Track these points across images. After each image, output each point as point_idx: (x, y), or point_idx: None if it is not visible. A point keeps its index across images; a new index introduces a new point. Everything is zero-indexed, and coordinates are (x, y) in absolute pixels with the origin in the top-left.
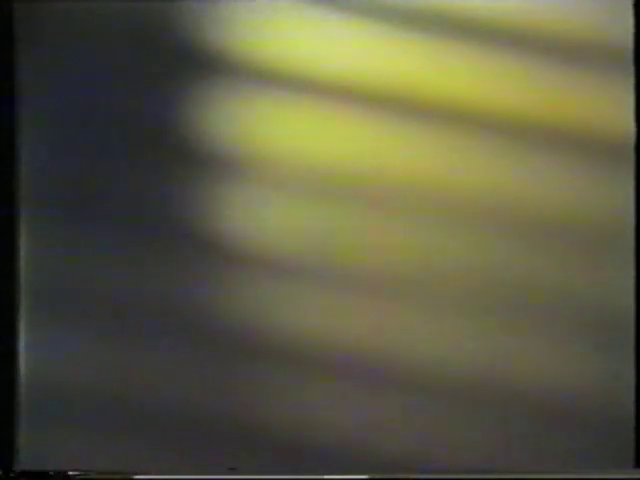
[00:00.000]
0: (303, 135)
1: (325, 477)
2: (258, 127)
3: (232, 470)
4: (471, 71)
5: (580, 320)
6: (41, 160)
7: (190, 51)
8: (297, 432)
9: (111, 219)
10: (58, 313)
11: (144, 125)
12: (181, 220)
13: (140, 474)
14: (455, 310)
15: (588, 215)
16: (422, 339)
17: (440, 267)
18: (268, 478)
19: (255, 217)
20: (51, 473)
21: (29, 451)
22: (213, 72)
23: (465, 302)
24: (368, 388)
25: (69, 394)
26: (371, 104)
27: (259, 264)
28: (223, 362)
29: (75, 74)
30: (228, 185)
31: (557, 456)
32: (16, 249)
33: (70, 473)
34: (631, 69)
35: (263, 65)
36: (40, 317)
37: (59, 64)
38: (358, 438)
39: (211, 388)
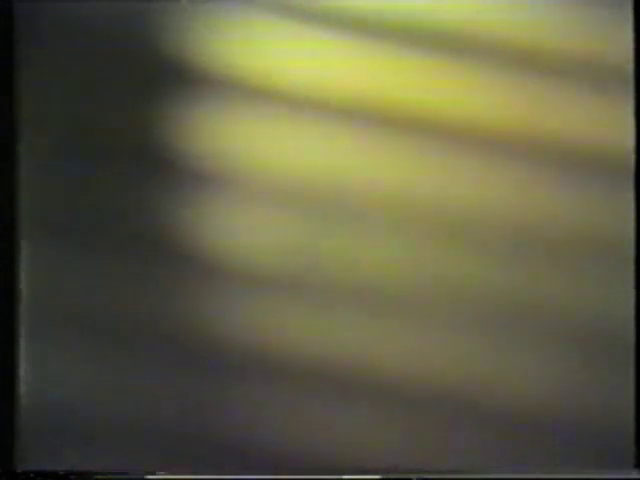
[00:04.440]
0: (288, 150)
1: (327, 477)
2: (244, 143)
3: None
4: (466, 88)
5: (580, 324)
6: (41, 172)
7: (176, 66)
8: (289, 445)
9: (96, 235)
10: (56, 320)
11: (128, 140)
12: (166, 234)
13: (141, 474)
14: (447, 324)
15: (588, 233)
16: (414, 354)
17: (431, 282)
18: (268, 478)
19: (247, 233)
20: (52, 473)
21: (29, 451)
22: (199, 87)
23: (458, 316)
24: (358, 402)
25: (68, 397)
26: (358, 119)
27: (250, 281)
28: (214, 376)
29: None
30: (217, 202)
31: (557, 456)
32: (16, 267)
33: (70, 473)
34: (631, 87)
35: (248, 81)
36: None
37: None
38: (346, 452)
39: (204, 402)
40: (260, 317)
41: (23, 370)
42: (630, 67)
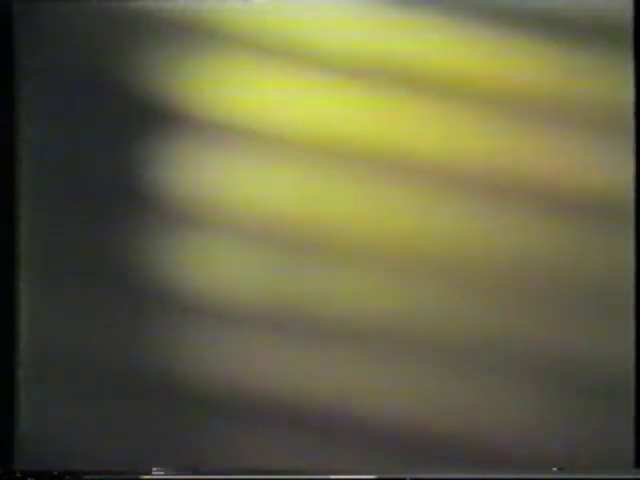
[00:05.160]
0: (270, 187)
1: (327, 477)
2: (224, 178)
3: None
4: (465, 131)
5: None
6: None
7: (156, 107)
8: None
9: (79, 275)
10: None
11: (107, 178)
12: (143, 273)
13: (141, 474)
14: (429, 357)
15: (587, 275)
16: (397, 387)
17: (415, 318)
18: (268, 478)
19: (227, 270)
20: (53, 473)
21: (29, 451)
22: (178, 128)
23: (443, 352)
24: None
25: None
26: (334, 155)
27: (230, 319)
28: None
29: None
30: (200, 241)
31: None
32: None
33: (70, 473)
34: (631, 127)
35: (227, 121)
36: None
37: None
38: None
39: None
40: (241, 355)
41: (23, 370)
42: (630, 113)
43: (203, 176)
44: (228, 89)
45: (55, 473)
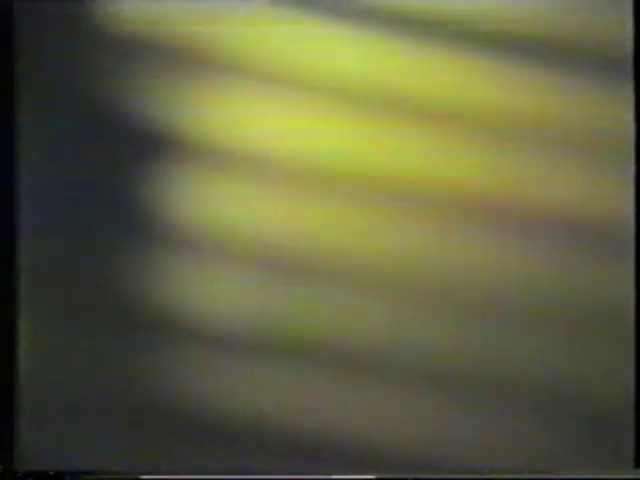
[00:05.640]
0: (259, 209)
1: (328, 477)
2: (220, 205)
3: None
4: (463, 156)
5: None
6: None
7: (153, 132)
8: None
9: (78, 303)
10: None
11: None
12: (142, 297)
13: (141, 474)
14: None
15: (586, 299)
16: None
17: (407, 353)
18: (268, 478)
19: (225, 294)
20: (51, 473)
21: (29, 451)
22: (175, 152)
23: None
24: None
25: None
26: (329, 178)
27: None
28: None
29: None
30: (197, 263)
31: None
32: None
33: (70, 473)
34: (631, 153)
35: (225, 145)
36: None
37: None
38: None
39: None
40: (239, 379)
41: (23, 370)
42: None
43: (199, 200)
44: (224, 114)
45: (55, 473)
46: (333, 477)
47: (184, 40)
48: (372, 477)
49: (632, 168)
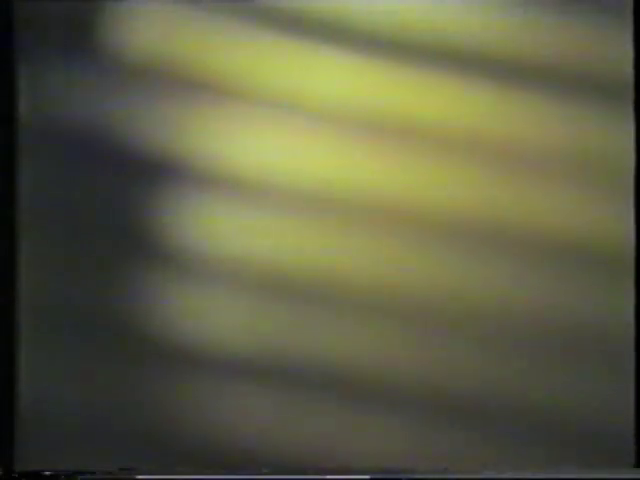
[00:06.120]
0: (264, 236)
1: (326, 477)
2: (223, 232)
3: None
4: (470, 185)
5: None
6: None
7: (158, 160)
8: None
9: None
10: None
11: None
12: (143, 324)
13: (141, 474)
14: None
15: (586, 323)
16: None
17: (400, 378)
18: (269, 478)
19: (226, 321)
20: (49, 474)
21: (28, 451)
22: (179, 180)
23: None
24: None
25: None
26: (334, 206)
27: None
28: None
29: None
30: (198, 290)
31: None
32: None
33: (70, 473)
34: (631, 180)
35: (228, 173)
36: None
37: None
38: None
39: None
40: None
41: (23, 370)
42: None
43: (199, 225)
44: (229, 142)
45: (54, 473)
46: (333, 477)
47: (181, 65)
48: (372, 477)
49: (632, 196)
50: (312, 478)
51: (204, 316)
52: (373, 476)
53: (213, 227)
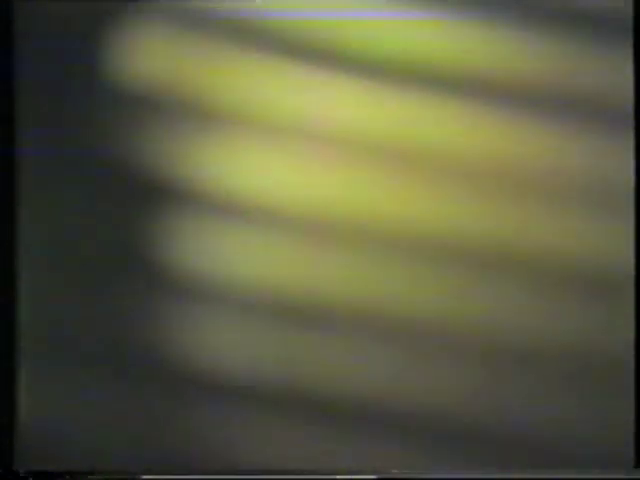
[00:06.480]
0: (266, 262)
1: (329, 477)
2: (224, 256)
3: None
4: (468, 208)
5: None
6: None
7: (159, 183)
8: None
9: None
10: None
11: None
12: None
13: (142, 474)
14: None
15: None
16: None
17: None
18: (269, 478)
19: (236, 347)
20: (51, 473)
21: (29, 451)
22: (180, 203)
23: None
24: None
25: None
26: (338, 233)
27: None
28: None
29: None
30: (202, 314)
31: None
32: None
33: (70, 473)
34: (631, 201)
35: (226, 196)
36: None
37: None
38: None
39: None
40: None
41: (23, 370)
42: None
43: (204, 251)
44: (230, 167)
45: (55, 473)
46: (334, 477)
47: (181, 90)
48: (373, 477)
49: (632, 220)
50: (314, 478)
51: (204, 339)
52: (379, 476)
53: (214, 251)
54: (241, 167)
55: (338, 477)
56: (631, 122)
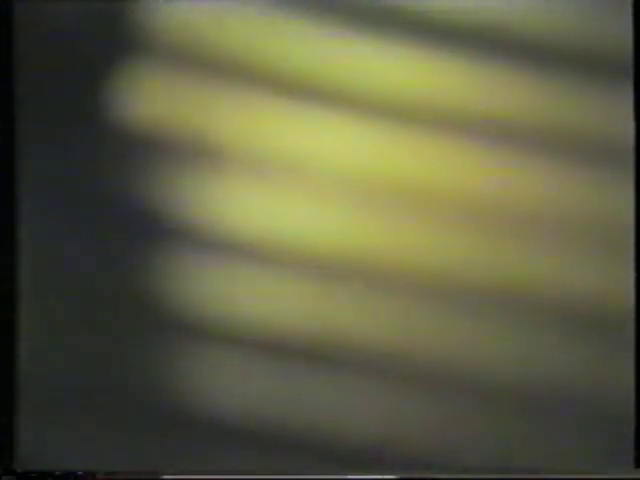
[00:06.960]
0: (268, 299)
1: (341, 477)
2: (223, 293)
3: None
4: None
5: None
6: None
7: (159, 218)
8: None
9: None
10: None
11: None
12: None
13: (142, 474)
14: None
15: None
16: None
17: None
18: (269, 478)
19: (237, 384)
20: (52, 473)
21: (29, 451)
22: (180, 239)
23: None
24: None
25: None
26: (340, 263)
27: None
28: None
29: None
30: (202, 353)
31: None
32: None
33: (70, 473)
34: (631, 240)
35: (229, 235)
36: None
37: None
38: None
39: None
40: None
41: (23, 370)
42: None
43: (204, 289)
44: (231, 205)
45: (55, 473)
46: (336, 477)
47: (181, 128)
48: (377, 477)
49: (632, 259)
50: (327, 478)
51: (211, 378)
52: (379, 476)
53: (214, 289)
54: (241, 205)
55: (340, 477)
56: (631, 161)
